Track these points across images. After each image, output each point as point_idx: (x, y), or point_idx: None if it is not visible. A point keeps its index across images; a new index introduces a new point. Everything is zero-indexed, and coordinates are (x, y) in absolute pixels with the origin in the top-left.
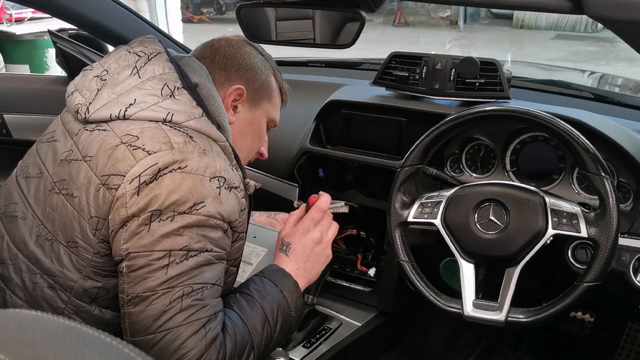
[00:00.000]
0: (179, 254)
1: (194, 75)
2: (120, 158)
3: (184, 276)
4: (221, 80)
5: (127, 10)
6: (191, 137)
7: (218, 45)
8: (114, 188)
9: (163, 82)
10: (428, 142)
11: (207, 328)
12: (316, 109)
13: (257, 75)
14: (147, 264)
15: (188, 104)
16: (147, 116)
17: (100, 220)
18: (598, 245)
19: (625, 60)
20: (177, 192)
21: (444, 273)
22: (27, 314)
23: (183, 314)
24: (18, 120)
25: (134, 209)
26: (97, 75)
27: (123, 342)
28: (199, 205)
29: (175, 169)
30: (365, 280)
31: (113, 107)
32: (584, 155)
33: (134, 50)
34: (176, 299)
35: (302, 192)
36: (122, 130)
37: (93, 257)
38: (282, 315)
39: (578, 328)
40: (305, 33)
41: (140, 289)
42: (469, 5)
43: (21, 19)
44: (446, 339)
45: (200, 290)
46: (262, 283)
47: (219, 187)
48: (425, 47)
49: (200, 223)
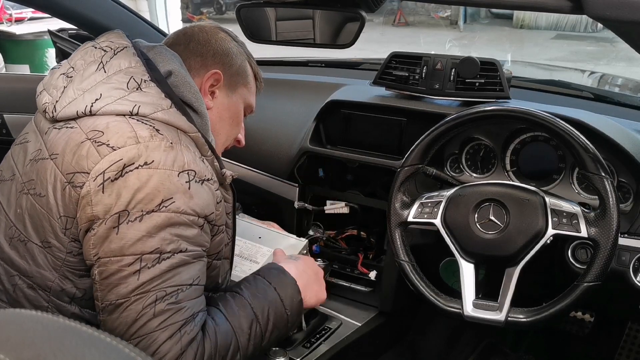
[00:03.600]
0: (151, 258)
1: (166, 63)
2: (85, 155)
3: (157, 280)
4: (197, 66)
5: (127, 10)
6: (158, 130)
7: (191, 32)
8: (79, 186)
9: (129, 76)
10: (428, 142)
11: (183, 331)
12: (316, 109)
13: (233, 60)
14: (118, 269)
15: (156, 95)
16: (114, 110)
17: (69, 219)
18: (598, 245)
19: (625, 60)
20: (144, 189)
21: (444, 273)
22: (27, 314)
23: (157, 320)
24: (18, 120)
25: (99, 207)
26: (64, 73)
27: (123, 342)
28: (168, 201)
29: (142, 165)
30: (365, 280)
31: (79, 103)
32: (584, 155)
33: (100, 45)
34: (149, 305)
35: (302, 192)
36: (88, 127)
37: (66, 256)
38: (275, 314)
39: (578, 328)
40: (305, 33)
41: (112, 296)
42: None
43: (21, 18)
44: (446, 339)
45: (174, 293)
46: (254, 281)
47: (188, 182)
48: (425, 47)
49: (171, 221)
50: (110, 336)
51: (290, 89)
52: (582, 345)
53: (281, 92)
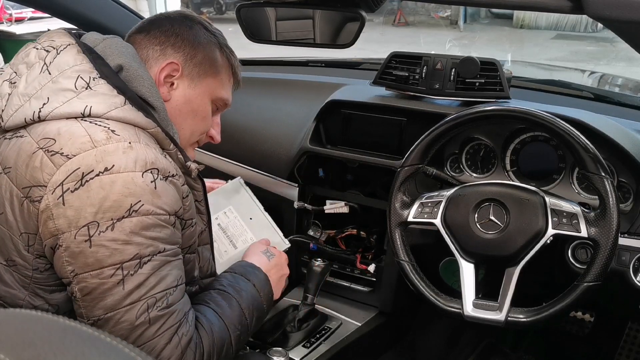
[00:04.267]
0: (132, 265)
1: (117, 56)
2: (39, 166)
3: (144, 288)
4: (156, 55)
5: (127, 10)
6: (113, 130)
7: (157, 19)
8: (37, 200)
9: (76, 74)
10: (428, 142)
11: (180, 334)
12: (316, 108)
13: (197, 49)
14: (100, 283)
15: (108, 93)
16: (64, 113)
17: (30, 236)
18: (598, 245)
19: (625, 60)
20: (110, 196)
21: (444, 273)
22: (27, 314)
23: (153, 327)
24: None
25: (62, 221)
26: (7, 79)
27: (123, 342)
28: (137, 205)
29: (102, 172)
30: (365, 280)
31: (26, 110)
32: (584, 155)
33: (42, 45)
34: (142, 314)
35: (302, 192)
36: (38, 134)
37: (33, 273)
38: (257, 309)
39: (578, 328)
40: (305, 33)
41: (99, 311)
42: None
43: (21, 18)
44: (446, 339)
45: (164, 298)
46: (234, 279)
47: (153, 181)
48: (425, 47)
49: (144, 224)
50: (110, 336)
51: (291, 89)
52: (582, 345)
53: (281, 92)
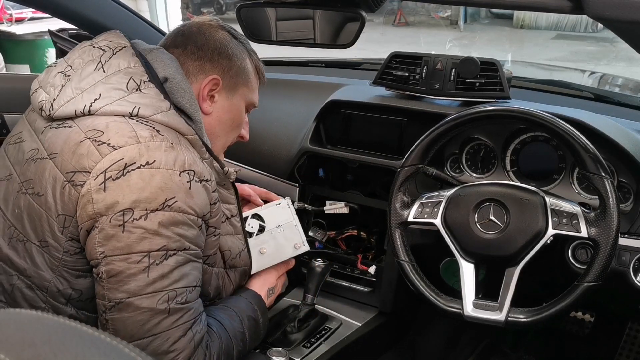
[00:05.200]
0: (158, 255)
1: (163, 68)
2: (85, 154)
3: (167, 280)
4: (195, 71)
5: (127, 10)
6: (158, 130)
7: (189, 32)
8: (80, 185)
9: (129, 76)
10: (428, 142)
11: (194, 330)
12: (316, 109)
13: (232, 61)
14: (126, 267)
15: (155, 97)
16: (113, 110)
17: (67, 218)
18: (598, 245)
19: (625, 60)
20: (147, 188)
21: (444, 273)
22: (27, 314)
23: (171, 318)
24: (18, 120)
25: (101, 205)
26: (61, 71)
27: (123, 342)
28: (171, 200)
29: (143, 165)
30: (365, 280)
31: (78, 102)
32: (584, 155)
33: (99, 44)
34: (163, 303)
35: (302, 192)
36: (87, 126)
37: (63, 256)
38: (254, 333)
39: (578, 328)
40: (305, 33)
41: (122, 294)
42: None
43: (21, 19)
44: (446, 339)
45: (184, 294)
46: (237, 301)
47: (189, 181)
48: (426, 47)
49: (174, 220)
50: (111, 336)
51: (291, 89)
52: (582, 345)
53: (281, 92)
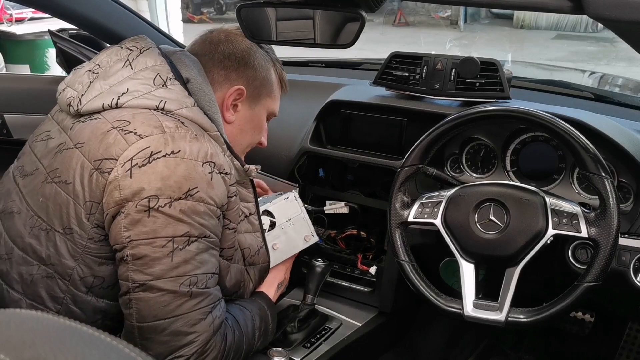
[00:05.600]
0: (182, 240)
1: (185, 69)
2: (112, 142)
3: (189, 265)
4: (220, 79)
5: (127, 10)
6: (183, 122)
7: (217, 40)
8: (107, 172)
9: (155, 73)
10: (428, 142)
11: (214, 315)
12: (316, 109)
13: (257, 72)
14: (151, 251)
15: (180, 93)
16: (140, 104)
17: (94, 205)
18: (598, 245)
19: (625, 60)
20: (172, 177)
21: (444, 273)
22: (27, 314)
23: (193, 301)
24: (18, 120)
25: (127, 191)
26: (89, 70)
27: (123, 342)
28: (194, 190)
29: (169, 154)
30: (365, 280)
31: (106, 96)
32: (584, 155)
33: (126, 45)
34: (186, 286)
35: (302, 192)
36: (113, 117)
37: (87, 243)
38: (264, 334)
39: (578, 328)
40: (305, 33)
41: (146, 276)
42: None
43: (21, 19)
44: (446, 339)
45: (204, 280)
46: (254, 302)
47: (210, 172)
48: (426, 47)
49: (196, 209)
50: (111, 336)
51: (291, 89)
52: (582, 345)
53: None
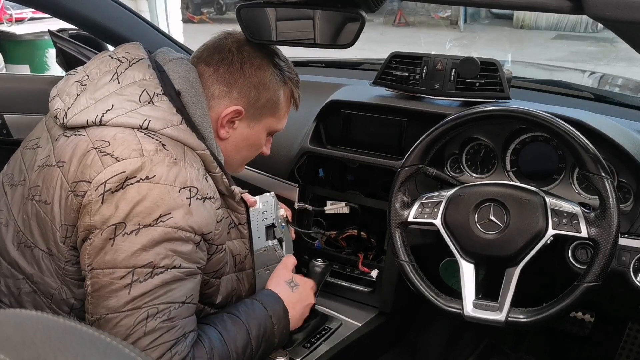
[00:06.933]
0: (143, 272)
1: (177, 81)
2: (89, 164)
3: (149, 296)
4: (220, 95)
5: (127, 10)
6: (164, 145)
7: (227, 51)
8: (81, 195)
9: (142, 88)
10: (428, 142)
11: (174, 351)
12: (316, 109)
13: (262, 94)
14: (109, 282)
15: (167, 110)
16: (124, 122)
17: (69, 228)
18: (598, 245)
19: (625, 60)
20: (143, 202)
21: (444, 273)
22: (27, 314)
23: (148, 338)
24: (18, 120)
25: (97, 217)
26: (78, 80)
27: (123, 342)
28: (166, 216)
29: (143, 179)
30: (365, 281)
31: (90, 112)
32: (584, 156)
33: (117, 55)
34: (141, 322)
35: (302, 192)
36: (95, 136)
37: (65, 265)
38: (266, 341)
39: (578, 328)
40: (305, 33)
41: (102, 310)
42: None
43: (21, 19)
44: (446, 339)
45: (166, 310)
46: (252, 306)
47: (189, 198)
48: (426, 47)
49: (167, 236)
50: (111, 336)
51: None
52: (582, 345)
53: None
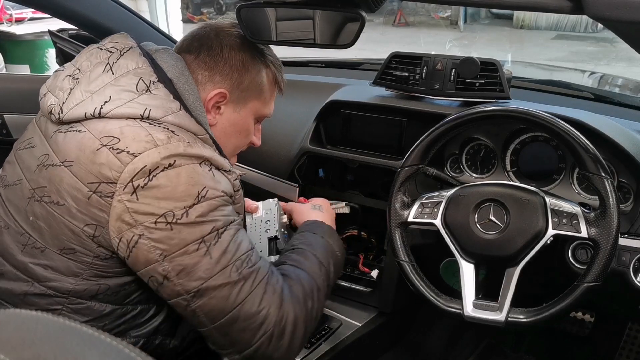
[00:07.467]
0: (211, 237)
1: (167, 69)
2: (105, 162)
3: (228, 253)
4: (203, 81)
5: (127, 10)
6: (173, 131)
7: (206, 37)
8: (108, 196)
9: (138, 77)
10: (428, 142)
11: (272, 283)
12: (316, 109)
13: (244, 75)
14: (188, 259)
15: (165, 98)
16: (124, 113)
17: (98, 227)
18: (598, 245)
19: (625, 60)
20: (178, 187)
21: (444, 273)
22: (27, 314)
23: (248, 282)
24: (18, 120)
25: (140, 214)
26: (69, 75)
27: (123, 342)
28: (203, 191)
29: (167, 167)
30: (365, 281)
31: (87, 105)
32: (584, 156)
33: (106, 47)
34: (235, 273)
35: (302, 192)
36: (99, 131)
37: (93, 260)
38: (332, 257)
39: (578, 328)
40: (305, 33)
41: (195, 283)
42: (469, 5)
43: (21, 19)
44: (446, 339)
45: (246, 259)
46: (303, 237)
47: (210, 170)
48: (425, 47)
49: (212, 206)
50: (111, 336)
51: (290, 89)
52: (582, 345)
53: None
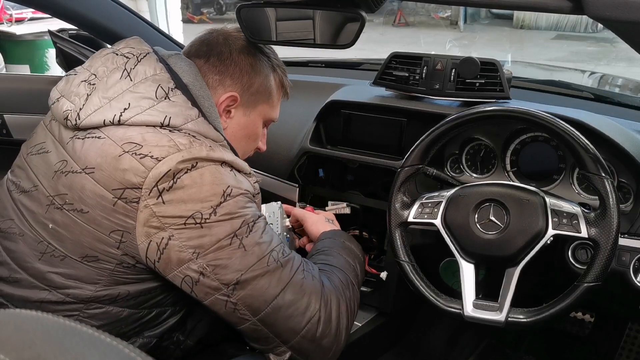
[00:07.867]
0: (242, 230)
1: (182, 75)
2: (128, 168)
3: (263, 244)
4: (214, 85)
5: (127, 10)
6: (194, 136)
7: (215, 42)
8: (134, 201)
9: (157, 84)
10: (428, 142)
11: (308, 269)
12: (316, 109)
13: (254, 79)
14: (223, 254)
15: (183, 105)
16: (144, 121)
17: (125, 233)
18: (598, 245)
19: (625, 60)
20: (203, 188)
21: (444, 273)
22: (27, 314)
23: (287, 268)
24: (18, 120)
25: (168, 217)
26: (85, 80)
27: (123, 342)
28: (227, 189)
29: (190, 169)
30: (365, 281)
31: (106, 112)
32: (584, 156)
33: (121, 52)
34: (272, 262)
35: (302, 192)
36: (120, 138)
37: (115, 267)
38: (357, 258)
39: (578, 328)
40: (305, 33)
41: (233, 275)
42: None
43: (21, 19)
44: (446, 339)
45: (280, 249)
46: (325, 243)
47: (232, 170)
48: (425, 47)
49: (239, 204)
50: (110, 336)
51: (291, 89)
52: (582, 345)
53: None
